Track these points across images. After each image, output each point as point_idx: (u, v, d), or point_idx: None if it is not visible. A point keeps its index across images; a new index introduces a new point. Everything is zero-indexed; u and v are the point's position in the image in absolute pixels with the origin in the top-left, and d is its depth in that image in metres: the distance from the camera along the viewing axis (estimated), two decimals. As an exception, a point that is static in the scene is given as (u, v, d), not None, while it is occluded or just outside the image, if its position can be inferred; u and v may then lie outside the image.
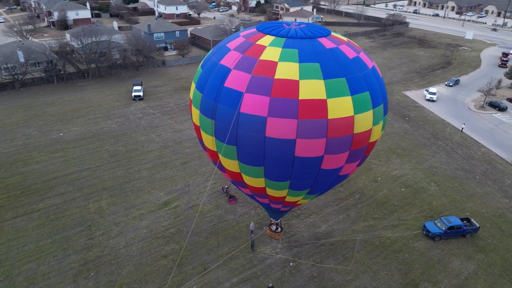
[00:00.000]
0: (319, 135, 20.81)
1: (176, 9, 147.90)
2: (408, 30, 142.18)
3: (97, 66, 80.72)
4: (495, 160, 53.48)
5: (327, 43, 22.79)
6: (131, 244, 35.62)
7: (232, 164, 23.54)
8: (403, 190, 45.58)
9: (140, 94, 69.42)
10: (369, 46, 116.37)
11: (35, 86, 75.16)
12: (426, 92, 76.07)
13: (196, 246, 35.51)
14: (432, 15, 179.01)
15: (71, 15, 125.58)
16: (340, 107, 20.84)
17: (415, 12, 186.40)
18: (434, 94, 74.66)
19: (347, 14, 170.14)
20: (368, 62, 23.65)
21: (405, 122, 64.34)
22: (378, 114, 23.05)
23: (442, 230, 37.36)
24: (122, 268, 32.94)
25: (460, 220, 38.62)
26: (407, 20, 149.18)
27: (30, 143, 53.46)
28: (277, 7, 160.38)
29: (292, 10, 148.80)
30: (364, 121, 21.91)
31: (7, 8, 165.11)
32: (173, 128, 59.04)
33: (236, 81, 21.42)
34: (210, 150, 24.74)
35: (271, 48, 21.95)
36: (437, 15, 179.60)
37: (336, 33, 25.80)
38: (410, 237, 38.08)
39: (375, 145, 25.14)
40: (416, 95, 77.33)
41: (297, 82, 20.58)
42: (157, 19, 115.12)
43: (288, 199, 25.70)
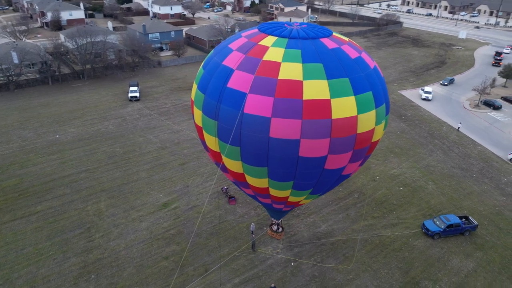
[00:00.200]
0: (323, 135, 20.86)
1: (171, 9, 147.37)
2: (402, 30, 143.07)
3: (92, 67, 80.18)
4: (491, 158, 53.99)
5: (329, 43, 22.86)
6: (131, 246, 35.42)
7: (235, 165, 23.50)
8: (401, 189, 45.84)
9: (137, 95, 69.08)
10: (364, 45, 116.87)
11: (30, 87, 74.47)
12: (422, 92, 76.61)
13: (197, 247, 35.41)
14: (426, 15, 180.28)
15: (65, 16, 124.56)
16: (344, 107, 20.92)
17: (409, 11, 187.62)
18: (429, 93, 75.22)
19: (342, 14, 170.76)
20: (369, 62, 23.76)
21: (401, 121, 64.73)
22: (380, 113, 23.17)
23: (441, 228, 37.62)
24: (123, 270, 32.75)
25: (459, 218, 38.94)
26: (400, 19, 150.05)
27: (26, 145, 52.95)
28: (271, 7, 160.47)
29: (286, 10, 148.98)
30: (367, 120, 22.01)
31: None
32: (170, 129, 58.82)
33: (239, 81, 21.40)
34: (212, 151, 24.68)
35: (274, 48, 21.96)
36: (430, 14, 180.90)
37: (337, 33, 25.87)
38: (410, 235, 38.30)
39: (377, 144, 25.26)
40: (412, 94, 77.83)
41: (300, 83, 20.61)
42: (152, 19, 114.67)
43: (291, 199, 25.73)
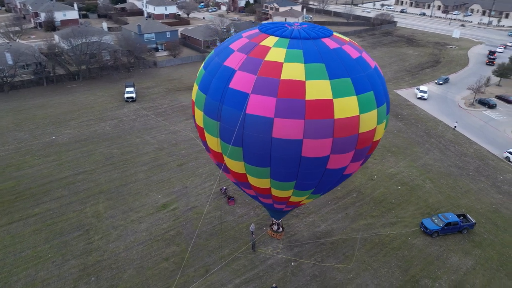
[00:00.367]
0: (325, 135, 20.90)
1: (165, 9, 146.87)
2: (397, 29, 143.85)
3: (87, 68, 79.63)
4: (487, 156, 54.46)
5: (330, 43, 22.92)
6: (131, 248, 35.24)
7: (237, 165, 23.47)
8: (399, 187, 46.07)
9: (133, 95, 68.74)
10: (359, 45, 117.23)
11: (25, 88, 73.78)
12: (417, 91, 77.04)
13: (197, 248, 35.31)
14: (419, 14, 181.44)
15: (59, 16, 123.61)
16: (346, 107, 20.98)
17: (402, 11, 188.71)
18: (425, 92, 75.70)
19: (336, 14, 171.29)
20: (370, 62, 23.87)
21: (398, 120, 65.06)
22: (381, 113, 23.28)
23: (440, 226, 37.88)
24: (123, 272, 32.57)
25: (457, 216, 39.23)
26: (395, 19, 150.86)
27: (22, 147, 52.47)
28: (266, 7, 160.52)
29: (281, 10, 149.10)
30: (369, 120, 22.10)
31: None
32: (167, 130, 58.60)
33: (241, 82, 21.37)
34: (214, 152, 24.63)
35: (275, 49, 21.96)
36: (423, 14, 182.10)
37: (337, 33, 25.94)
38: (408, 234, 38.52)
39: (378, 144, 25.37)
40: (407, 94, 78.27)
41: (303, 83, 20.63)
42: (147, 19, 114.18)
43: (292, 199, 25.76)
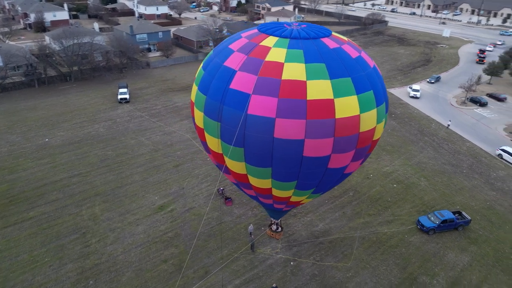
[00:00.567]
0: (327, 135, 20.98)
1: (157, 9, 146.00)
2: (388, 29, 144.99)
3: (79, 69, 78.78)
4: (479, 154, 55.17)
5: (330, 43, 23.00)
6: (129, 250, 34.96)
7: (238, 166, 23.43)
8: (395, 186, 46.45)
9: (126, 96, 68.20)
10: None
11: (16, 90, 72.72)
12: (410, 89, 77.72)
13: (195, 250, 35.16)
14: (409, 14, 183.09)
15: (48, 17, 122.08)
16: (347, 106, 21.08)
17: (393, 11, 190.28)
18: (417, 91, 76.40)
19: (328, 14, 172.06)
20: (369, 61, 24.01)
21: (391, 119, 65.55)
22: (381, 112, 23.44)
23: (436, 224, 38.27)
24: (122, 275, 32.31)
25: (452, 213, 39.66)
26: (386, 19, 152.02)
27: (15, 149, 51.72)
28: (258, 6, 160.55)
29: (273, 9, 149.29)
30: (369, 119, 22.23)
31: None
32: (162, 131, 58.27)
33: (242, 82, 21.34)
34: (214, 153, 24.55)
35: (276, 49, 21.96)
36: (413, 13, 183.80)
37: (336, 33, 26.04)
38: (405, 232, 38.84)
39: (377, 143, 25.53)
40: (400, 92, 78.93)
41: (304, 83, 20.68)
42: (139, 19, 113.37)
43: (293, 199, 25.81)
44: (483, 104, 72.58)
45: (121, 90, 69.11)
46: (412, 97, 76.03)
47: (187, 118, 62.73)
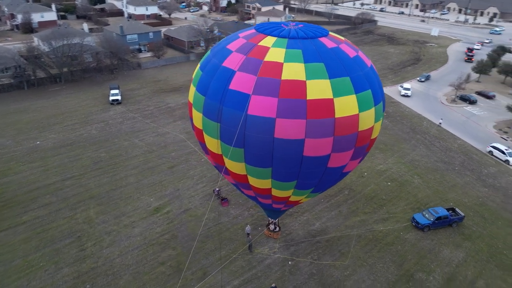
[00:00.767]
0: (327, 134, 21.07)
1: (146, 9, 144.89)
2: (377, 28, 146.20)
3: (69, 70, 77.74)
4: (470, 151, 55.99)
5: (328, 42, 23.11)
6: (125, 253, 34.64)
7: (238, 167, 23.39)
8: (389, 184, 46.87)
9: (118, 98, 67.54)
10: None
11: (5, 93, 71.43)
12: (401, 88, 78.52)
13: (193, 251, 34.97)
14: (398, 13, 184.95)
15: (36, 18, 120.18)
16: (346, 105, 21.21)
17: (382, 10, 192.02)
18: (408, 89, 77.22)
19: (317, 13, 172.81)
20: (366, 60, 24.19)
21: (384, 117, 66.06)
22: (378, 111, 23.65)
23: (431, 221, 38.72)
24: (119, 278, 31.99)
25: (446, 210, 40.19)
26: (375, 18, 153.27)
27: (5, 153, 50.81)
28: (248, 6, 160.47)
29: (264, 9, 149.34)
30: (367, 118, 22.40)
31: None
32: (156, 132, 57.87)
33: (242, 83, 21.30)
34: (213, 153, 24.46)
35: (274, 49, 21.98)
36: (402, 13, 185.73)
37: (333, 32, 26.17)
38: (401, 229, 39.22)
39: (375, 141, 25.74)
40: (391, 91, 79.67)
41: (304, 83, 20.74)
42: (129, 20, 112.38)
43: (292, 198, 25.87)
44: (472, 102, 73.71)
45: (112, 92, 68.43)
46: (403, 95, 76.83)
47: (180, 119, 62.41)
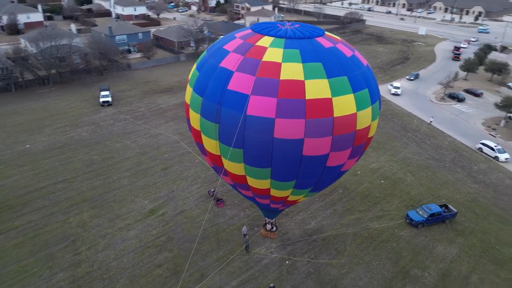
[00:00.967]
0: (325, 134, 21.17)
1: (135, 10, 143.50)
2: (366, 27, 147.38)
3: (58, 72, 76.53)
4: (461, 148, 56.88)
5: (325, 42, 23.21)
6: (121, 256, 34.27)
7: (237, 167, 23.33)
8: (382, 182, 47.31)
9: (109, 99, 66.76)
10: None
11: (-9, 95, 70.17)
12: (391, 87, 79.37)
13: (190, 253, 34.77)
14: (386, 13, 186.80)
15: (22, 19, 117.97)
16: (344, 105, 21.34)
17: (369, 9, 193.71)
18: (398, 88, 78.10)
19: (306, 13, 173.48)
20: (363, 60, 24.38)
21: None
22: (375, 110, 23.87)
23: (424, 217, 39.23)
24: (116, 282, 31.64)
25: (439, 207, 40.75)
26: (363, 17, 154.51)
27: (-6, 157, 49.88)
28: (237, 6, 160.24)
29: (253, 9, 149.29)
30: (365, 117, 22.59)
31: None
32: (148, 133, 57.38)
33: (240, 83, 21.25)
34: (211, 155, 24.35)
35: (272, 49, 21.99)
36: (389, 12, 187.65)
37: (328, 32, 26.29)
38: (395, 226, 39.65)
39: (371, 140, 25.95)
40: (382, 90, 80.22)
41: (302, 82, 20.79)
42: (117, 20, 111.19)
43: (290, 198, 25.93)
44: (461, 100, 74.88)
45: (103, 93, 67.60)
46: (393, 94, 77.68)
47: (172, 120, 62.01)
